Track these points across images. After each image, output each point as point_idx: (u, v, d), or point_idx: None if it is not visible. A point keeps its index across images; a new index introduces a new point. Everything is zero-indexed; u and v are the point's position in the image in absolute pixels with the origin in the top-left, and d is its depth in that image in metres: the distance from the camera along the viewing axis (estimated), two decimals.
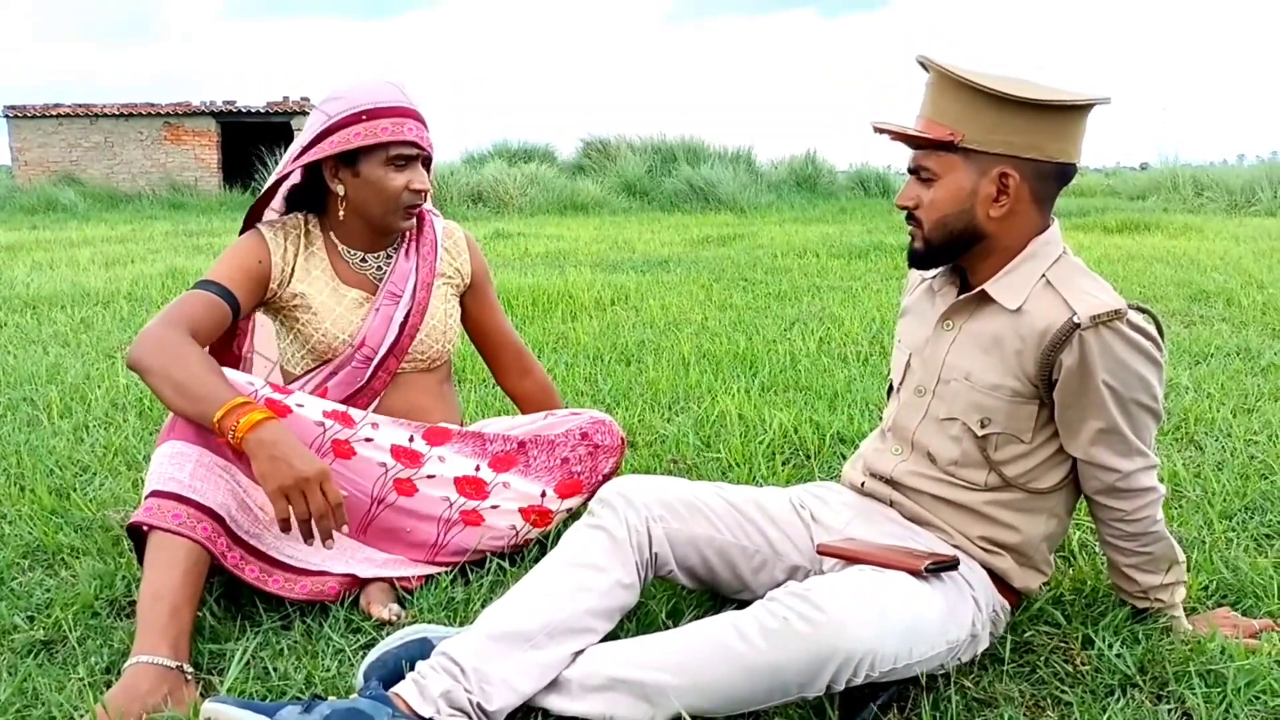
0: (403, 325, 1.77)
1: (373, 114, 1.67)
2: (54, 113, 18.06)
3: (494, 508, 1.72)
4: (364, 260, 1.80)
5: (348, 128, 1.67)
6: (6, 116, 18.03)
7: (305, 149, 1.71)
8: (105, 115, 18.10)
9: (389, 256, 1.82)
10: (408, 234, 1.83)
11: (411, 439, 1.72)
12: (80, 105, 18.18)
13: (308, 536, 1.44)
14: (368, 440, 1.66)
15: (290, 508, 1.42)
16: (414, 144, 1.70)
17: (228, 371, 1.56)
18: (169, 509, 1.45)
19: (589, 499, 1.79)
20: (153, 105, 18.24)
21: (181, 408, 1.50)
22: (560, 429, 1.84)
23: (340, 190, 1.73)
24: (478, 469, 1.74)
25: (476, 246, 1.95)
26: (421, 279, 1.81)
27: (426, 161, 1.77)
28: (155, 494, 1.46)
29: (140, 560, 1.46)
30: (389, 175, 1.70)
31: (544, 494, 1.77)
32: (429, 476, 1.69)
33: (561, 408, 1.99)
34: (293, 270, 1.75)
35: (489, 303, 1.97)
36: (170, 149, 18.19)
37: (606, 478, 1.82)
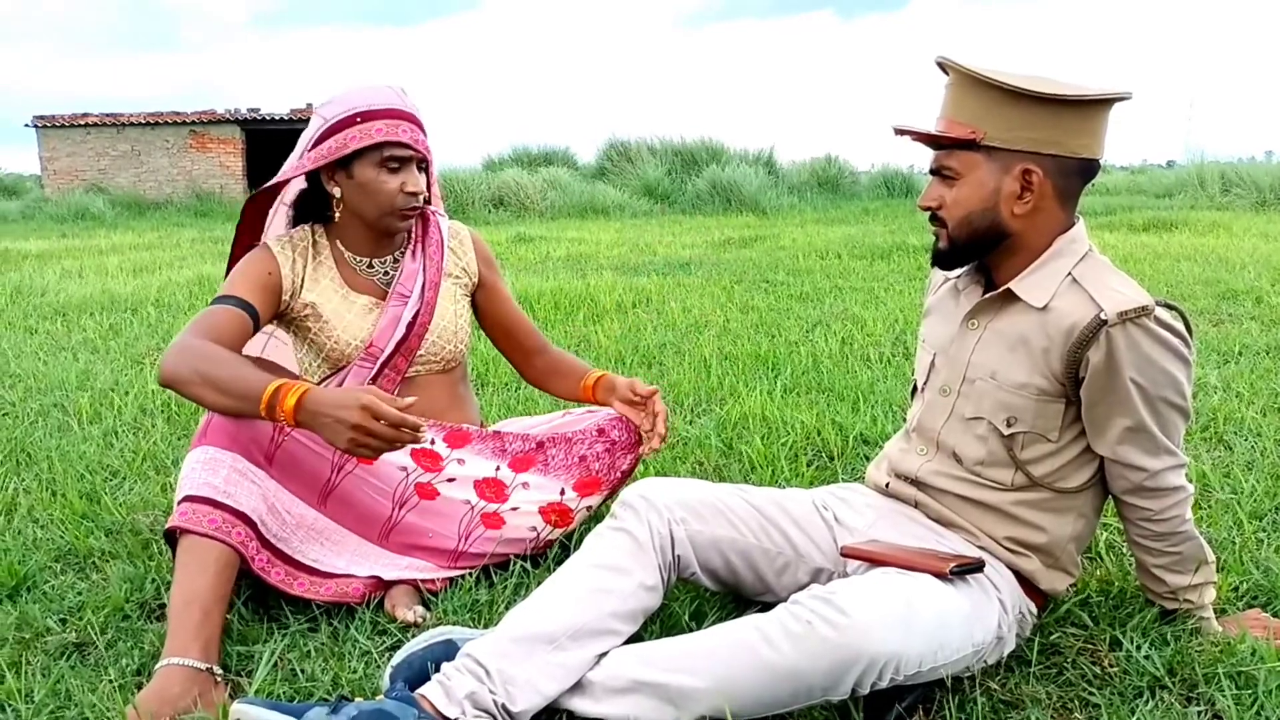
0: (410, 324, 1.77)
1: (367, 116, 1.68)
2: (82, 122, 18.31)
3: (514, 509, 1.73)
4: (371, 266, 1.81)
5: (343, 131, 1.68)
6: (35, 126, 18.30)
7: (304, 154, 1.72)
8: (132, 124, 18.33)
9: (396, 261, 1.82)
10: (413, 235, 1.84)
11: (433, 441, 1.72)
12: (107, 115, 18.42)
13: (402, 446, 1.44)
14: None
15: (369, 452, 1.42)
16: (407, 145, 1.70)
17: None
18: (204, 514, 1.46)
19: (609, 497, 1.79)
20: (178, 114, 18.45)
21: (226, 406, 1.50)
22: (578, 426, 1.84)
23: (337, 193, 1.74)
24: (497, 469, 1.74)
25: (483, 243, 1.95)
26: (429, 279, 1.81)
27: (423, 164, 1.76)
28: (190, 499, 1.47)
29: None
30: (382, 177, 1.70)
31: (563, 492, 1.77)
32: (449, 480, 1.70)
33: (580, 367, 1.95)
34: (303, 281, 1.76)
35: (502, 296, 1.96)
36: (196, 157, 18.40)
37: (625, 474, 1.82)
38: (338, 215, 1.76)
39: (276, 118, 18.47)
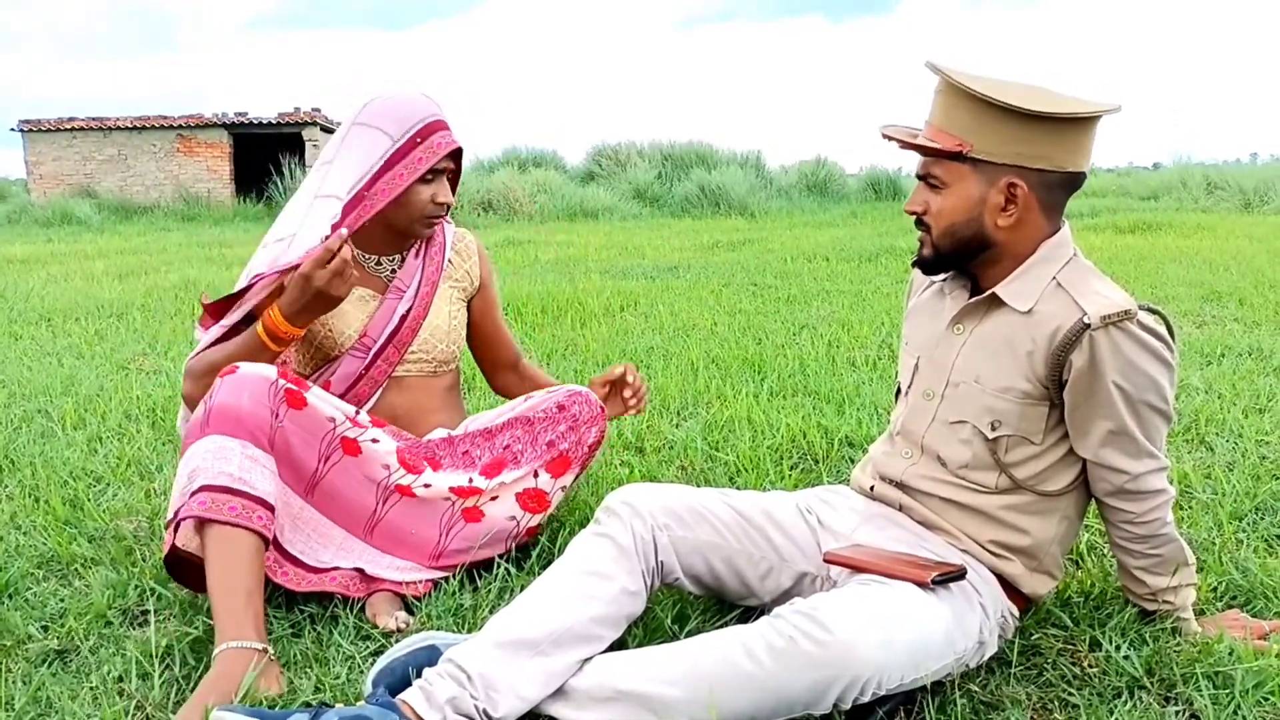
0: (404, 317, 1.80)
1: (424, 131, 1.73)
2: (68, 126, 18.20)
3: (493, 499, 1.74)
4: (379, 264, 1.84)
5: (411, 152, 1.72)
6: (22, 130, 18.19)
7: (378, 174, 1.71)
8: (119, 128, 18.23)
9: (402, 258, 1.86)
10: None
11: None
12: (94, 118, 18.32)
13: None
14: (374, 441, 1.68)
15: (335, 283, 1.62)
16: (447, 158, 1.75)
17: (249, 365, 1.60)
18: (223, 502, 1.46)
19: (580, 473, 1.81)
20: (165, 118, 18.35)
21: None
22: (540, 407, 1.82)
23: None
24: (470, 480, 1.75)
25: (485, 252, 2.01)
26: (427, 276, 1.85)
27: (453, 174, 1.82)
28: (206, 489, 1.47)
29: (174, 558, 1.52)
30: (417, 187, 1.74)
31: (536, 474, 1.77)
32: (425, 485, 1.71)
33: (551, 383, 2.04)
34: None
35: (492, 303, 2.02)
36: (183, 161, 18.31)
37: (593, 448, 1.81)
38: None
39: (264, 121, 18.41)
